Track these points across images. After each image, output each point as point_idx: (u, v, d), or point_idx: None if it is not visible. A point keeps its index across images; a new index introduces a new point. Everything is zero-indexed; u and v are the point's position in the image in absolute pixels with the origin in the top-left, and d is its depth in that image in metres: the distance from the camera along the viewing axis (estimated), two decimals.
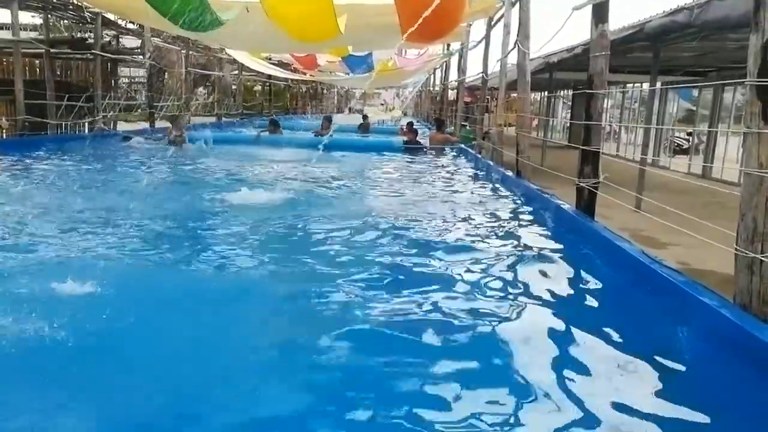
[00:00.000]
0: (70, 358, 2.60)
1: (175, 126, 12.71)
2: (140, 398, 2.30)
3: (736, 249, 2.90)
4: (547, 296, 3.58)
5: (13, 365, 2.52)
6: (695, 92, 15.33)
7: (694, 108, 15.82)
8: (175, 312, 3.20)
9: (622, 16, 8.06)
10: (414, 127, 14.65)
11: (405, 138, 13.80)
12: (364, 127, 17.99)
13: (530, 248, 4.75)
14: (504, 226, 5.62)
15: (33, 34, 14.79)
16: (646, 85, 16.16)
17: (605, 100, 5.53)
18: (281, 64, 21.36)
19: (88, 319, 2.90)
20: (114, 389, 2.37)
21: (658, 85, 11.69)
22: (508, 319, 3.19)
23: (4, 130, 12.07)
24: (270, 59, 20.17)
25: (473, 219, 5.92)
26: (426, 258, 4.35)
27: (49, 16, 13.26)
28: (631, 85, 18.01)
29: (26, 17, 15.62)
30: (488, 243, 4.89)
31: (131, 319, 2.95)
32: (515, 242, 4.97)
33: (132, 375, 2.48)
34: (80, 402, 2.28)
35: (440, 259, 4.32)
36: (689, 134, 16.06)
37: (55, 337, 2.70)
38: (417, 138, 13.76)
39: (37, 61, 13.61)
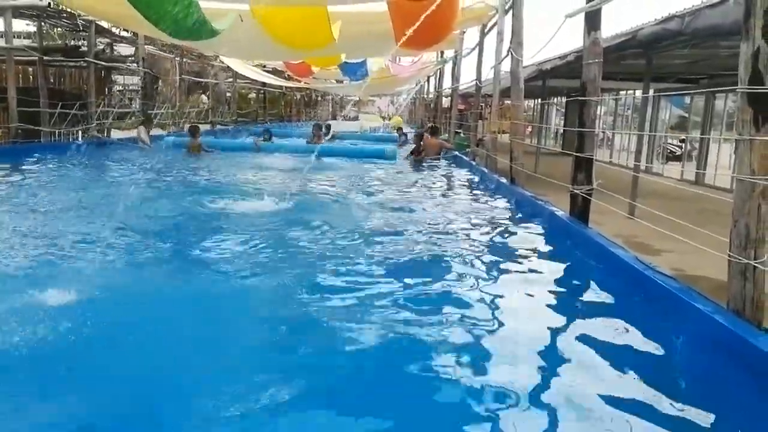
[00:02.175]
0: (69, 361, 2.60)
1: (194, 135, 12.86)
2: (134, 401, 2.29)
3: (729, 255, 2.91)
4: (540, 303, 3.58)
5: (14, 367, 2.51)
6: (687, 99, 15.44)
7: (687, 115, 15.92)
8: (172, 315, 3.20)
9: (615, 24, 8.11)
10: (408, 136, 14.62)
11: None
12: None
13: (524, 255, 4.75)
14: (498, 233, 5.62)
15: (27, 42, 14.76)
16: (639, 92, 16.26)
17: (598, 107, 5.56)
18: (275, 72, 21.38)
19: (89, 323, 2.90)
20: (110, 390, 2.36)
21: (651, 92, 11.76)
22: (501, 327, 3.19)
23: None
24: (264, 67, 20.20)
25: (467, 226, 5.92)
26: (419, 265, 4.34)
27: (43, 23, 13.24)
28: (624, 92, 18.11)
29: (20, 25, 15.58)
30: (482, 250, 4.89)
31: (131, 323, 2.96)
32: (509, 249, 4.98)
33: (130, 378, 2.47)
34: (75, 401, 2.27)
35: (434, 266, 4.32)
36: (682, 141, 16.15)
37: (58, 340, 2.71)
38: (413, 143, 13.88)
39: (30, 69, 13.57)
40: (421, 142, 13.62)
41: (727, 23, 5.17)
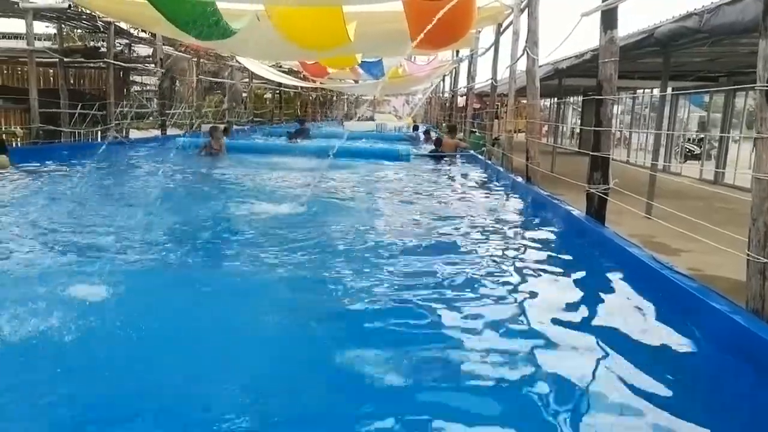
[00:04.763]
0: (90, 354, 2.65)
1: (214, 136, 12.79)
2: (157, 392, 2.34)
3: (747, 254, 2.88)
4: (557, 302, 3.57)
5: (31, 361, 2.57)
6: (706, 98, 15.26)
7: (705, 113, 15.74)
8: (191, 315, 3.25)
9: (632, 22, 8.05)
10: (432, 134, 14.70)
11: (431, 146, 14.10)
12: (303, 133, 19.27)
13: (540, 254, 4.74)
14: (514, 232, 5.62)
15: (47, 44, 14.99)
16: (656, 91, 16.11)
17: (615, 106, 5.53)
18: (291, 72, 21.48)
19: (110, 317, 2.96)
20: (128, 382, 2.41)
21: (669, 90, 11.65)
22: (518, 325, 3.19)
23: (18, 138, 12.23)
24: (280, 67, 20.31)
25: (483, 225, 5.92)
26: (436, 263, 4.35)
27: (63, 25, 13.44)
28: (642, 90, 17.95)
29: (41, 27, 15.84)
30: (498, 249, 4.89)
31: (149, 320, 3.01)
32: (526, 248, 4.97)
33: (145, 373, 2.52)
34: (95, 393, 2.32)
35: (450, 265, 4.32)
36: (700, 140, 15.97)
37: (80, 334, 2.76)
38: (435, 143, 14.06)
39: (51, 70, 13.79)
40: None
41: (746, 20, 5.12)
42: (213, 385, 2.46)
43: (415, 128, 23.97)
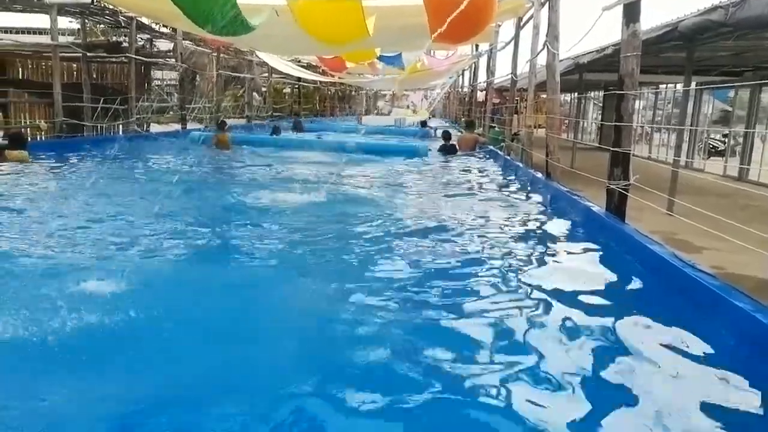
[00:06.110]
0: (108, 348, 2.69)
1: (221, 129, 12.92)
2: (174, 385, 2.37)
3: None
4: (577, 300, 3.54)
5: (51, 354, 2.62)
6: (731, 92, 14.98)
7: (730, 109, 15.45)
8: (206, 305, 3.28)
9: (654, 16, 7.94)
10: (449, 133, 14.57)
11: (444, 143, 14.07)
12: (298, 126, 20.38)
13: (560, 250, 4.71)
14: (534, 229, 5.58)
15: (71, 39, 15.21)
16: (679, 86, 15.87)
17: (636, 101, 5.45)
18: (310, 66, 21.53)
19: (128, 310, 3.00)
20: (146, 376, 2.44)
21: (693, 85, 11.46)
22: (538, 323, 3.17)
23: (43, 132, 12.45)
24: (299, 62, 20.39)
25: (502, 221, 5.88)
26: (453, 259, 4.34)
27: (87, 21, 13.62)
28: (664, 85, 17.69)
29: (64, 22, 16.06)
30: (518, 245, 4.86)
31: (166, 312, 3.05)
32: (545, 245, 4.93)
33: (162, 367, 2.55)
34: (114, 386, 2.36)
35: (469, 261, 4.31)
36: (725, 136, 15.70)
37: (94, 327, 2.81)
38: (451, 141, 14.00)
39: (74, 65, 13.99)
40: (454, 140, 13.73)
41: None
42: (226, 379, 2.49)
43: (423, 124, 23.43)
